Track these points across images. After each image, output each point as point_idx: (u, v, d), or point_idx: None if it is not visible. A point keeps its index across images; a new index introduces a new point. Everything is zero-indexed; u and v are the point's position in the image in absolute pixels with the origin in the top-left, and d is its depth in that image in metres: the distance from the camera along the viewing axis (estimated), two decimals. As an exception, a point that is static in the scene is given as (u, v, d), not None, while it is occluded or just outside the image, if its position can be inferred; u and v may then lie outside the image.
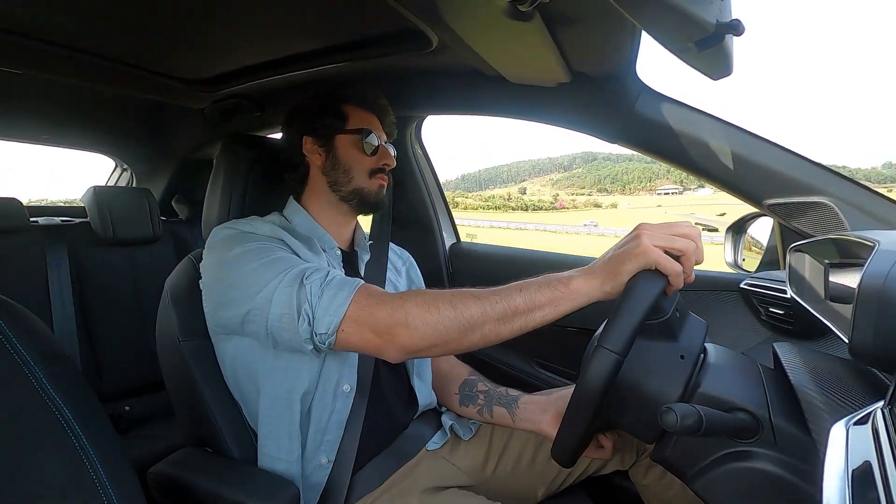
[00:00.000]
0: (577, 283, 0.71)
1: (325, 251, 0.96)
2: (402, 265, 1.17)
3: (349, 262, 1.02)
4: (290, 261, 0.81)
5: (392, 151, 1.03)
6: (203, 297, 0.88)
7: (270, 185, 1.02)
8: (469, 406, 1.06)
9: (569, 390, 0.94)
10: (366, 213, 1.05)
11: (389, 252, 1.14)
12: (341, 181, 0.98)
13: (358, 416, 0.89)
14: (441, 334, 0.71)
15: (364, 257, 1.06)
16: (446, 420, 1.06)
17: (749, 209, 1.10)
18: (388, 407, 0.97)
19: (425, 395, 1.04)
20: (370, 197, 0.99)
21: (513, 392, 1.05)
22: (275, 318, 0.76)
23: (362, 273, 1.03)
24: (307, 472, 0.86)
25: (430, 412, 1.07)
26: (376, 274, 1.05)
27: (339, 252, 0.99)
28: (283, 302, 0.75)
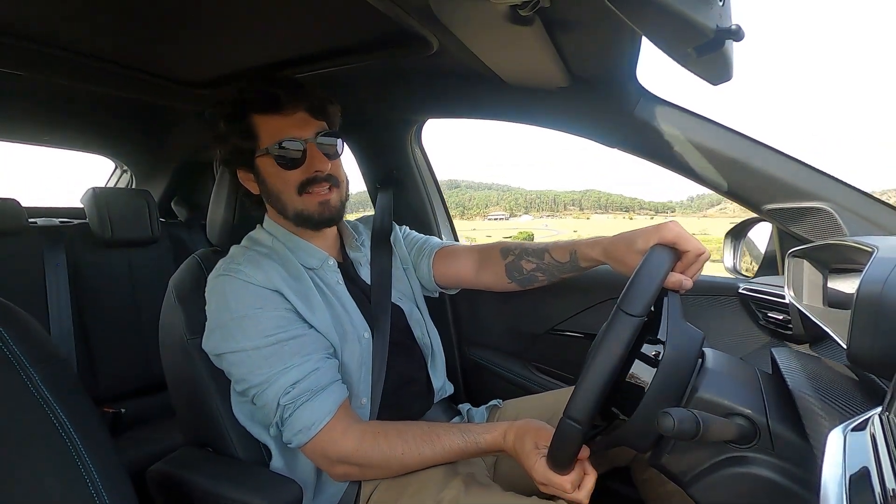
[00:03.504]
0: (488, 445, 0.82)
1: (316, 269, 0.94)
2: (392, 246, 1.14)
3: (346, 273, 1.00)
4: (278, 360, 0.80)
5: (339, 146, 0.93)
6: (205, 330, 0.86)
7: None
8: (534, 285, 1.06)
9: (617, 237, 0.88)
10: (325, 228, 0.97)
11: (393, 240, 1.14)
12: (279, 207, 0.91)
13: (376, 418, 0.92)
14: (386, 473, 0.84)
15: (361, 260, 1.05)
16: (463, 407, 1.10)
17: (749, 214, 1.10)
18: (404, 409, 0.98)
19: (439, 383, 1.07)
20: (313, 217, 0.90)
21: (561, 257, 0.99)
22: (259, 404, 0.82)
23: (368, 280, 1.02)
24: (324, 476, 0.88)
25: (445, 400, 1.09)
26: (381, 286, 1.02)
27: (332, 261, 0.97)
28: (265, 402, 0.81)
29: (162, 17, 0.98)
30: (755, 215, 1.06)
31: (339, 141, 0.95)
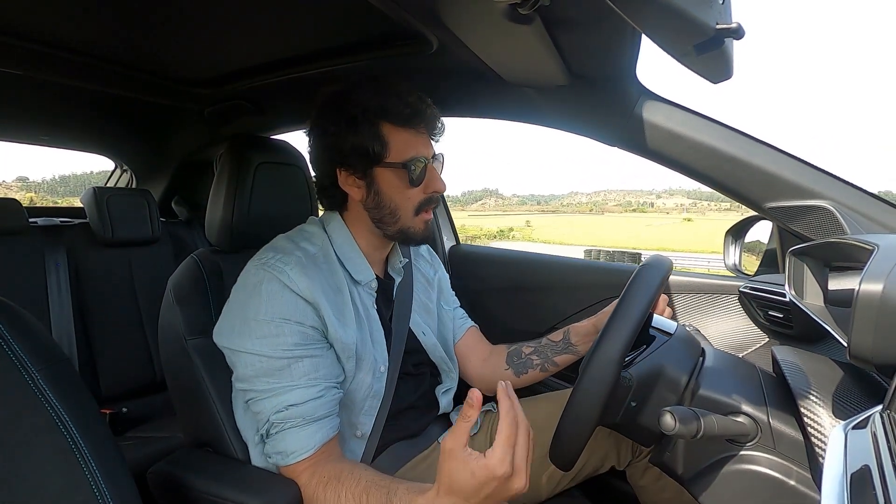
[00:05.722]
0: None
1: (360, 285, 0.91)
2: (433, 274, 1.14)
3: (384, 292, 0.97)
4: (287, 377, 0.79)
5: (441, 167, 0.92)
6: (220, 317, 0.85)
7: (276, 187, 1.02)
8: (529, 372, 1.08)
9: (609, 307, 0.97)
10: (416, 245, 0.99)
11: (421, 259, 1.12)
12: (387, 220, 0.88)
13: (373, 447, 0.91)
14: None
15: (398, 280, 1.02)
16: (454, 416, 1.09)
17: (749, 212, 1.10)
18: (403, 430, 0.98)
19: (446, 403, 1.07)
20: (416, 236, 0.91)
21: (556, 337, 1.07)
22: (253, 409, 0.81)
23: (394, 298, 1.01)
24: None
25: (444, 414, 1.09)
26: (404, 301, 1.00)
27: (375, 284, 0.93)
28: (260, 409, 0.80)
29: (162, 16, 0.98)
30: (755, 213, 1.06)
31: (443, 165, 0.94)
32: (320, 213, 1.03)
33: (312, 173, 0.96)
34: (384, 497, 0.69)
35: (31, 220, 1.65)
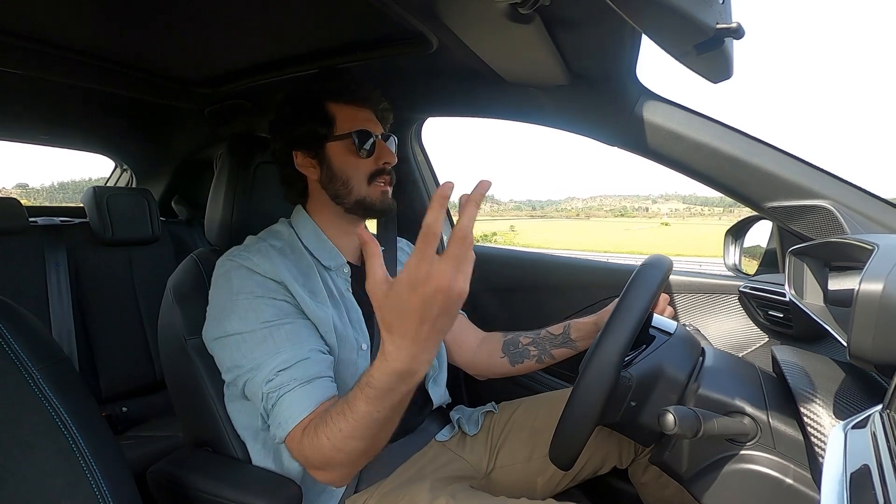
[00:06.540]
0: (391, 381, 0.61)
1: (330, 270, 0.92)
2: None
3: (358, 278, 0.97)
4: (271, 345, 0.77)
5: (392, 147, 0.96)
6: (206, 317, 0.85)
7: (275, 186, 1.02)
8: (524, 362, 1.08)
9: (612, 305, 0.89)
10: (374, 218, 1.00)
11: (400, 253, 1.12)
12: (342, 193, 0.91)
13: None
14: (338, 467, 0.71)
15: None
16: (454, 415, 1.08)
17: (749, 212, 1.10)
18: (401, 421, 0.96)
19: (439, 395, 1.05)
20: (374, 206, 0.92)
21: (556, 330, 1.07)
22: (249, 394, 0.79)
23: None
24: (312, 485, 0.85)
25: (439, 408, 1.08)
26: None
27: (347, 269, 0.95)
28: (254, 390, 0.77)
29: (162, 16, 0.98)
30: (755, 213, 1.06)
31: (395, 146, 0.99)
32: None
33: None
34: (352, 395, 0.65)
35: (31, 219, 1.65)
